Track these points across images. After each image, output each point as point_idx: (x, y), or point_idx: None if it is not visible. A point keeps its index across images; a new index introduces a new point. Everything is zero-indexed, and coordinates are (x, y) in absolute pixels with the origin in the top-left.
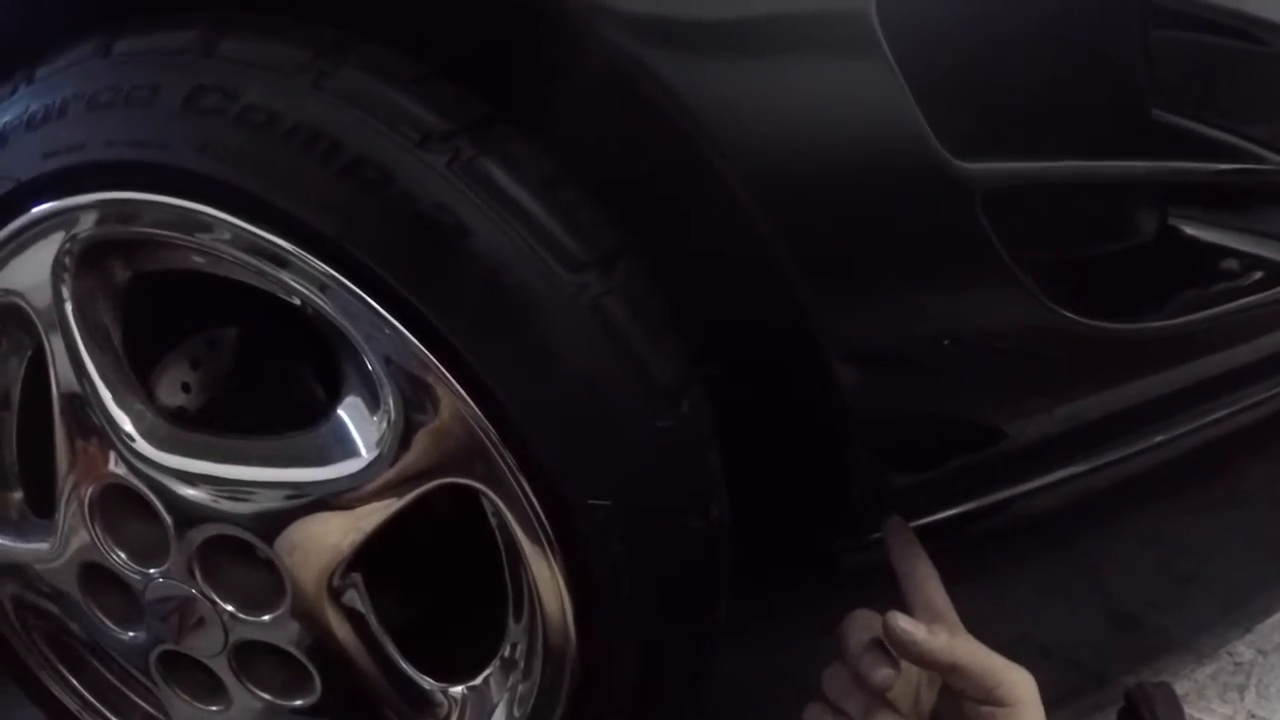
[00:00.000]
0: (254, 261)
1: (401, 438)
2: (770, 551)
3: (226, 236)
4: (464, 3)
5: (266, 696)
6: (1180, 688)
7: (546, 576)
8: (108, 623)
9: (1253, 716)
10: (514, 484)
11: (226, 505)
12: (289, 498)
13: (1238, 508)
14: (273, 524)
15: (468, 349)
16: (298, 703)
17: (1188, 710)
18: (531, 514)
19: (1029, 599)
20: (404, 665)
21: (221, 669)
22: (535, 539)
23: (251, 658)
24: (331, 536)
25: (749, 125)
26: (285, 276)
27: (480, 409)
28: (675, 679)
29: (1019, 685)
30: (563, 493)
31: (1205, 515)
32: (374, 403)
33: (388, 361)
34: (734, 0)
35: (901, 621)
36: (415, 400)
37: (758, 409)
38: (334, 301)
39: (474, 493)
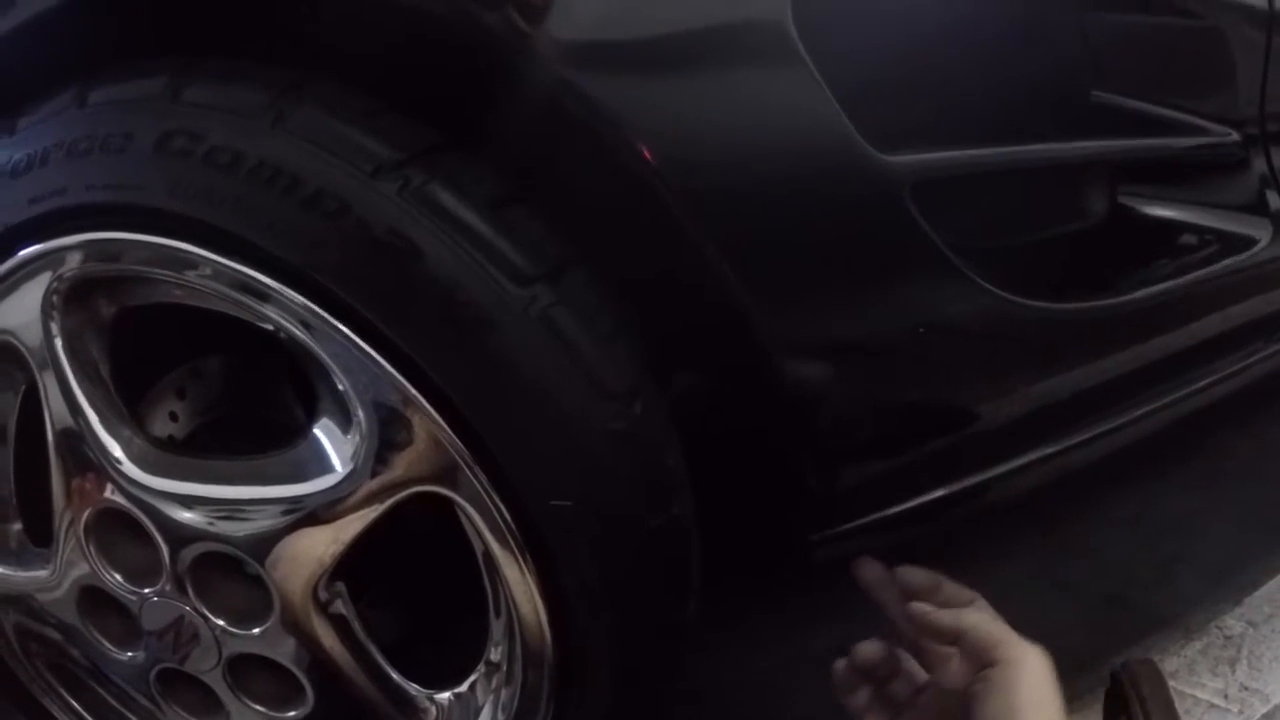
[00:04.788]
0: (229, 292)
1: (374, 451)
2: (742, 548)
3: (201, 270)
4: (410, 38)
5: (261, 709)
6: (1171, 664)
7: (518, 579)
8: (107, 645)
9: (1245, 689)
10: (480, 490)
11: (213, 523)
12: (271, 514)
13: (1221, 483)
14: (257, 539)
15: (427, 363)
16: (291, 714)
17: (1180, 687)
18: (499, 519)
19: (1013, 585)
20: (391, 673)
21: (217, 684)
22: (504, 543)
23: (245, 671)
24: (314, 548)
25: (677, 136)
26: (257, 304)
27: (443, 420)
28: (650, 677)
29: (1017, 647)
30: (525, 497)
31: (1189, 492)
32: (347, 420)
33: (356, 380)
34: (655, 20)
35: (914, 604)
36: (384, 416)
37: (718, 408)
38: (303, 325)
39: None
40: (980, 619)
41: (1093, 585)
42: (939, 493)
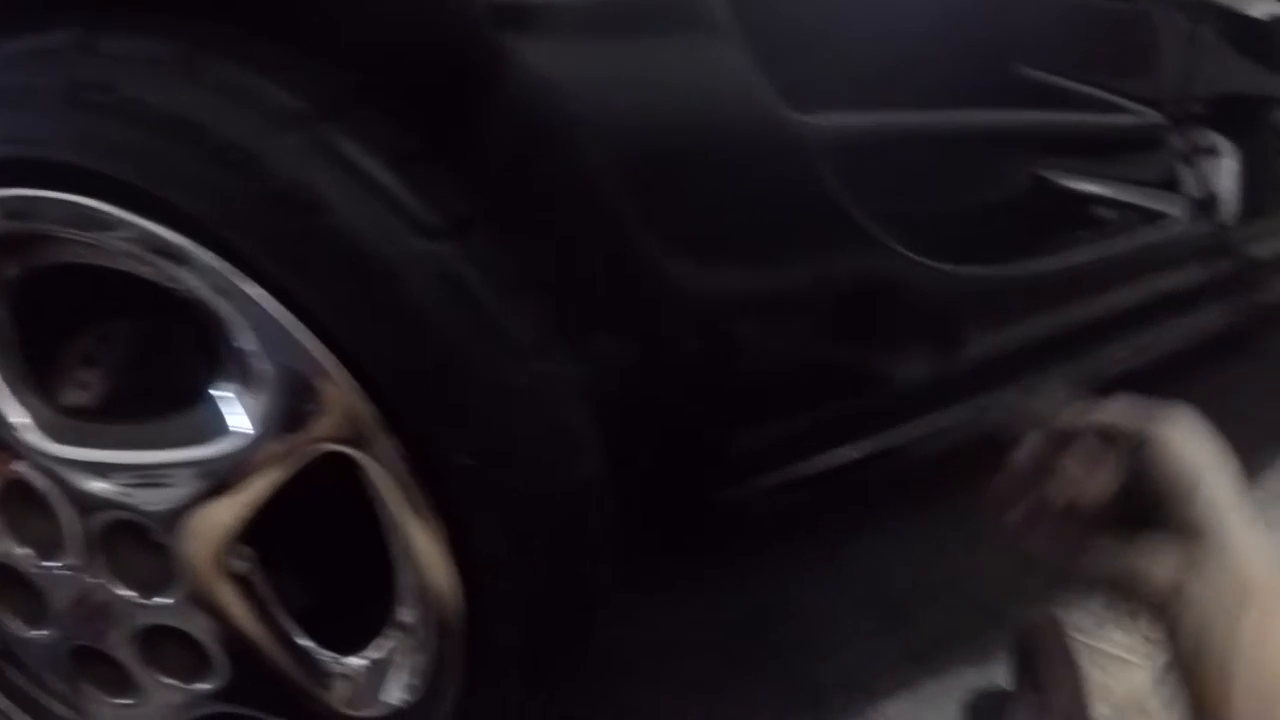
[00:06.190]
0: (137, 250)
1: (279, 410)
2: (653, 509)
3: (110, 227)
4: None
5: (173, 682)
6: (1079, 619)
7: (425, 542)
8: (17, 624)
9: (1150, 642)
10: (387, 449)
11: (118, 491)
12: (174, 478)
13: None
14: (162, 505)
15: (330, 318)
16: (205, 686)
17: (1088, 640)
18: (407, 480)
19: (926, 545)
20: (301, 640)
21: (128, 659)
22: (411, 505)
23: (156, 644)
24: (219, 512)
25: (592, 93)
26: (165, 262)
27: (349, 377)
28: (564, 642)
29: (1163, 417)
30: (429, 455)
31: None
32: (252, 379)
33: (261, 336)
34: None
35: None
36: (289, 373)
37: (629, 368)
38: (209, 281)
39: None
40: (1117, 413)
41: (1003, 545)
42: (849, 453)
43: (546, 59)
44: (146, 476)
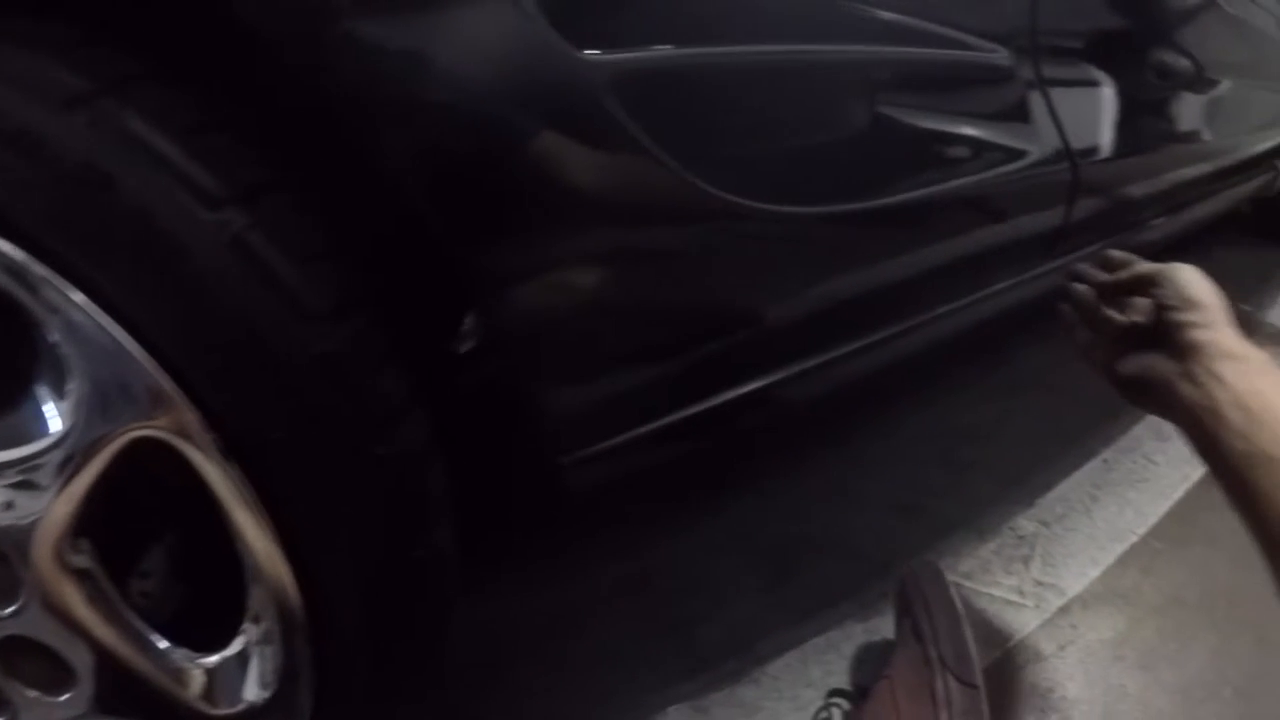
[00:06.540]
0: None
1: (89, 399)
2: (493, 478)
3: None
4: None
5: (36, 695)
6: (966, 565)
7: (253, 527)
8: None
9: (1039, 584)
10: (199, 429)
11: None
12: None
13: (1016, 394)
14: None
15: (125, 299)
16: (70, 696)
17: (976, 586)
18: (221, 460)
19: (806, 498)
20: (153, 639)
21: None
22: (233, 487)
23: (15, 656)
24: (49, 511)
25: (392, 59)
26: None
27: (152, 357)
28: (410, 621)
29: (1170, 265)
30: (236, 431)
31: (985, 404)
32: (66, 370)
33: (65, 326)
34: None
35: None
36: (95, 361)
37: (450, 331)
38: (11, 273)
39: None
40: (1146, 265)
41: (887, 496)
42: (698, 408)
43: (342, 25)
44: None
